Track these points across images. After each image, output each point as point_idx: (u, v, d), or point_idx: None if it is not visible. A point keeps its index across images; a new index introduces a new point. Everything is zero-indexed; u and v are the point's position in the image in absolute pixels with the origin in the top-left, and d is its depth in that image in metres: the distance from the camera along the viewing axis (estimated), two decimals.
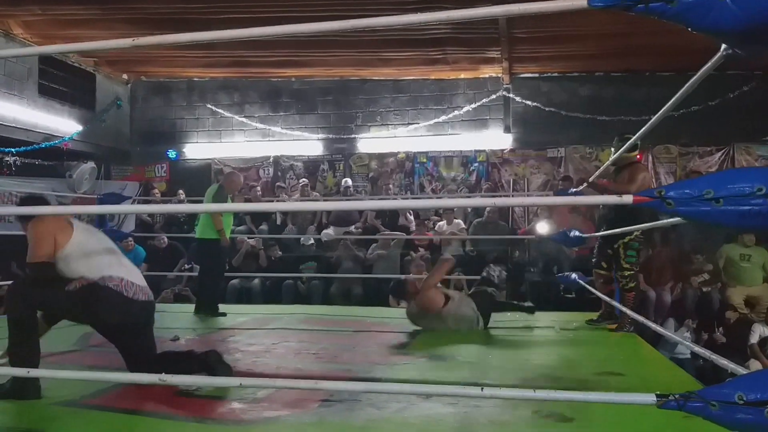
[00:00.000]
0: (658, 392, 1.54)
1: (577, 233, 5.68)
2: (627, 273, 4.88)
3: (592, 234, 5.30)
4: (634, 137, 3.67)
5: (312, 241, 8.52)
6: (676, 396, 1.49)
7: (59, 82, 9.74)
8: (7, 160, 8.83)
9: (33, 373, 2.09)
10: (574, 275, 6.00)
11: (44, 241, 2.78)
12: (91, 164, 9.85)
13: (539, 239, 7.63)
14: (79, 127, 10.02)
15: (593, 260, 5.28)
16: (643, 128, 3.20)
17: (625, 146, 4.32)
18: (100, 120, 10.46)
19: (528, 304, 5.47)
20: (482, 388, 1.59)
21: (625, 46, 8.48)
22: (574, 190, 6.52)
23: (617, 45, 8.50)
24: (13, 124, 8.90)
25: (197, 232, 6.14)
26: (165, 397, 2.80)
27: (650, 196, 1.53)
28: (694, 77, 2.19)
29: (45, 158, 9.53)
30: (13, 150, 8.91)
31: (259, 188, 10.07)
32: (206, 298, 6.09)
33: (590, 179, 5.27)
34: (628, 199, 1.59)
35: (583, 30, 7.96)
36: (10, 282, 3.91)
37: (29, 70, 9.22)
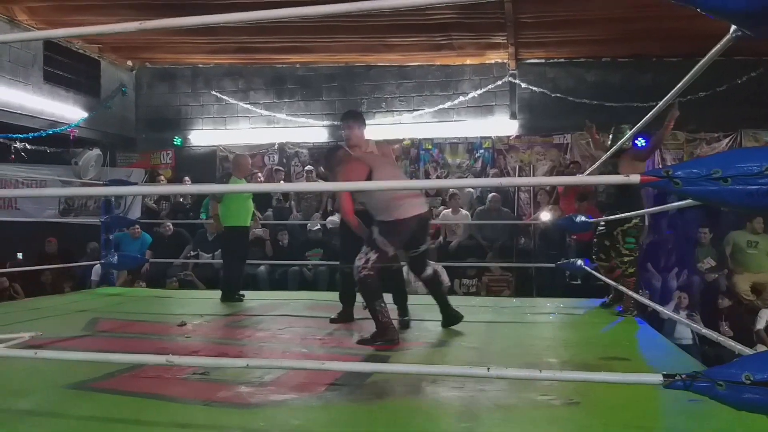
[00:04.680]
0: (665, 372, 1.54)
1: (582, 218, 5.67)
2: (627, 259, 4.91)
3: (598, 219, 5.28)
4: (641, 122, 3.63)
5: (318, 227, 8.53)
6: (683, 376, 1.49)
7: (64, 68, 9.74)
8: (14, 147, 8.87)
9: (41, 354, 2.10)
10: (579, 261, 5.99)
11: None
12: (96, 151, 9.87)
13: (545, 225, 7.63)
14: (85, 114, 10.03)
15: (594, 250, 5.26)
16: (650, 113, 3.17)
17: (629, 134, 4.32)
18: (105, 107, 10.47)
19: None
20: (488, 368, 1.59)
21: (631, 30, 8.42)
22: (582, 175, 6.50)
23: (624, 30, 8.44)
24: (19, 111, 8.91)
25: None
26: (173, 381, 2.82)
27: (657, 176, 1.52)
28: (704, 59, 2.17)
29: (51, 145, 9.55)
30: (19, 136, 8.93)
31: (261, 176, 10.06)
32: (232, 284, 6.04)
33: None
34: (635, 178, 1.59)
35: (589, 15, 7.91)
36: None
37: (34, 57, 9.22)
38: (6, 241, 9.13)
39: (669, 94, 2.70)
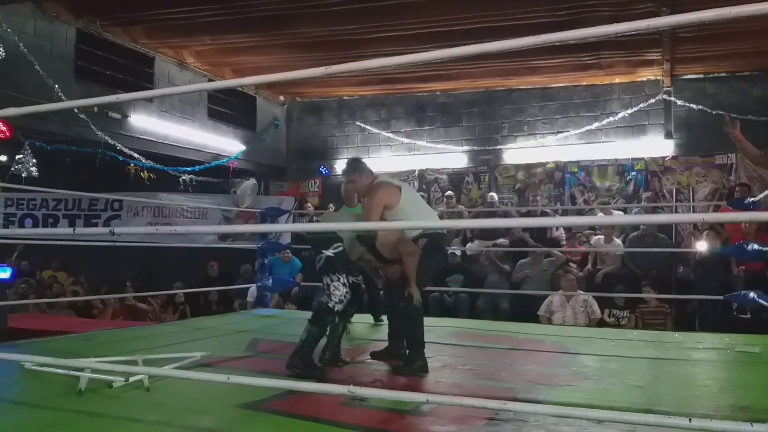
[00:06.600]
0: None
1: (755, 246, 5.14)
2: None
3: None
4: None
5: (458, 253, 8.47)
6: None
7: (225, 105, 10.59)
8: (182, 179, 9.74)
9: (233, 379, 2.24)
10: (752, 294, 5.42)
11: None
12: (252, 181, 10.56)
13: (709, 253, 7.02)
14: (242, 147, 10.82)
15: None
16: None
17: None
18: (260, 139, 11.24)
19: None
20: (690, 419, 1.46)
21: None
22: (753, 199, 5.91)
23: None
24: (187, 145, 9.81)
25: None
26: (334, 405, 2.89)
27: None
28: None
29: (213, 176, 10.38)
30: (186, 169, 9.81)
31: None
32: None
33: None
34: None
35: (755, 25, 7.26)
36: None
37: (200, 96, 10.10)
38: (172, 264, 10.05)
39: None
